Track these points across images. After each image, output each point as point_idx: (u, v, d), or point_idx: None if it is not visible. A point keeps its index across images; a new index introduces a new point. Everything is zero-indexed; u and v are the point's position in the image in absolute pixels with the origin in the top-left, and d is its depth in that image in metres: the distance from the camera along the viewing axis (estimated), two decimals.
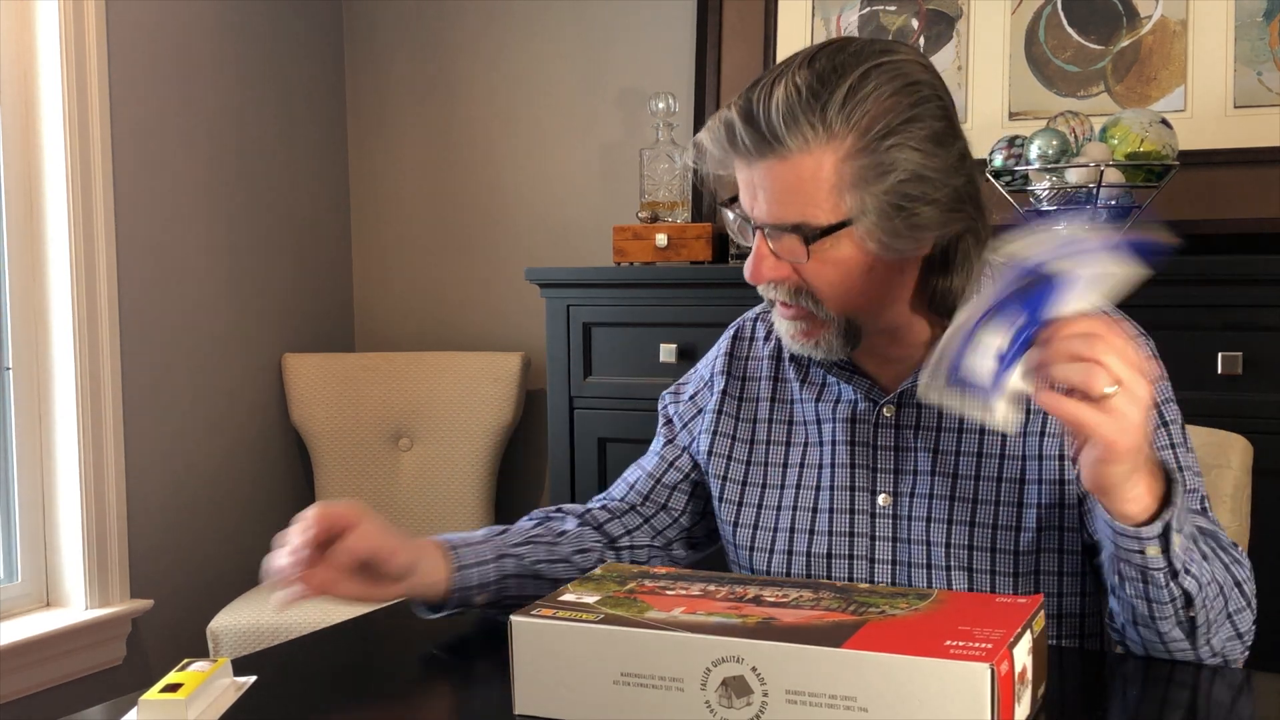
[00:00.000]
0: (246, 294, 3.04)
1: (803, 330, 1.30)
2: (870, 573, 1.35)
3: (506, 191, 3.18)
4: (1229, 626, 1.21)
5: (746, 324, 1.52)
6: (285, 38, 3.13)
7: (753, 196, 1.26)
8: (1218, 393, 2.08)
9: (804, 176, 1.23)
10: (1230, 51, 2.40)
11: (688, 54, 2.90)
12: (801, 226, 1.23)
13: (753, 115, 1.24)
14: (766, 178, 1.24)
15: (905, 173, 1.23)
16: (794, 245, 1.24)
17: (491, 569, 1.36)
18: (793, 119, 1.22)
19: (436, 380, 3.03)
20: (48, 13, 2.56)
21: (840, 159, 1.23)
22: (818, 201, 1.23)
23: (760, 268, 1.27)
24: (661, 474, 1.50)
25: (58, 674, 2.58)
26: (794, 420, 1.43)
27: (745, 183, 1.27)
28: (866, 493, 1.36)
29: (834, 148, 1.22)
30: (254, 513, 3.07)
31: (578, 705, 1.04)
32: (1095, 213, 2.23)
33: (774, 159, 1.23)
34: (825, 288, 1.26)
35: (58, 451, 2.62)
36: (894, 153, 1.23)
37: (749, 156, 1.25)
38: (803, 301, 1.28)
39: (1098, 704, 1.17)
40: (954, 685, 0.94)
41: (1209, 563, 1.18)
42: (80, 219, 2.59)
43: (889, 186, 1.23)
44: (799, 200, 1.23)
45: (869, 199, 1.23)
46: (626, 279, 2.58)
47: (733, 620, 1.03)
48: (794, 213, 1.24)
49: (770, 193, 1.24)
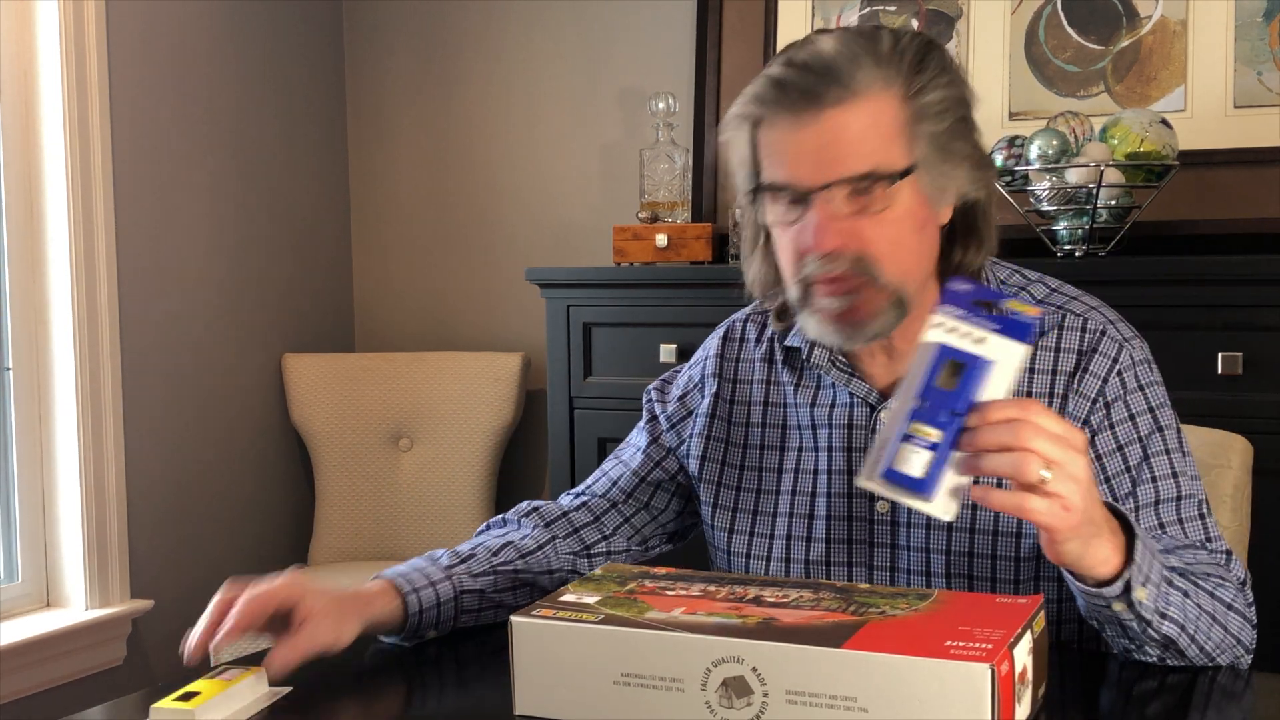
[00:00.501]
0: (246, 294, 3.04)
1: (854, 306, 1.24)
2: (869, 580, 1.34)
3: (506, 192, 3.18)
4: (1236, 647, 1.21)
5: (736, 325, 1.49)
6: (285, 38, 3.13)
7: (812, 157, 1.21)
8: (1218, 393, 2.08)
9: (873, 119, 1.21)
10: (1230, 51, 2.40)
11: (688, 54, 2.90)
12: (874, 173, 1.20)
13: (809, 65, 1.20)
14: (833, 127, 1.20)
15: (951, 113, 1.23)
16: (861, 200, 1.21)
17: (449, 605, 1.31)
18: (853, 59, 1.20)
19: (436, 380, 3.03)
20: (48, 13, 2.56)
21: (900, 98, 1.22)
22: (887, 145, 1.21)
23: (826, 234, 1.21)
24: (647, 473, 1.47)
25: (58, 674, 2.58)
26: (788, 424, 1.40)
27: (797, 147, 1.22)
28: (864, 499, 1.34)
29: (894, 88, 1.21)
30: (254, 513, 3.07)
31: (578, 705, 1.04)
32: (1095, 212, 2.23)
33: (838, 106, 1.20)
34: (888, 248, 1.22)
35: (58, 451, 2.62)
36: (940, 91, 1.23)
37: (809, 109, 1.20)
38: (863, 270, 1.23)
39: (1098, 704, 1.17)
40: (954, 685, 0.93)
41: (1190, 598, 1.17)
42: (80, 219, 2.59)
43: (941, 128, 1.22)
44: (868, 146, 1.20)
45: (924, 141, 1.22)
46: (626, 279, 2.58)
47: (733, 620, 1.03)
48: (865, 160, 1.20)
49: (839, 144, 1.20)
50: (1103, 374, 1.29)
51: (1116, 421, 1.29)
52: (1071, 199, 2.24)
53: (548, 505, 1.47)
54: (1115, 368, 1.30)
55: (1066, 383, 1.30)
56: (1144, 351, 1.33)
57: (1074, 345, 1.31)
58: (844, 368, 1.36)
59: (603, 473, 1.50)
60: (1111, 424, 1.29)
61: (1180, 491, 1.28)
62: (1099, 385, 1.29)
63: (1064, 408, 1.29)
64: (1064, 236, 2.29)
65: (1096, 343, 1.30)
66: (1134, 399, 1.30)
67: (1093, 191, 2.20)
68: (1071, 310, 1.33)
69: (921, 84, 1.22)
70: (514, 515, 1.46)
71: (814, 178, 1.21)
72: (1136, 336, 1.34)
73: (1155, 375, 1.33)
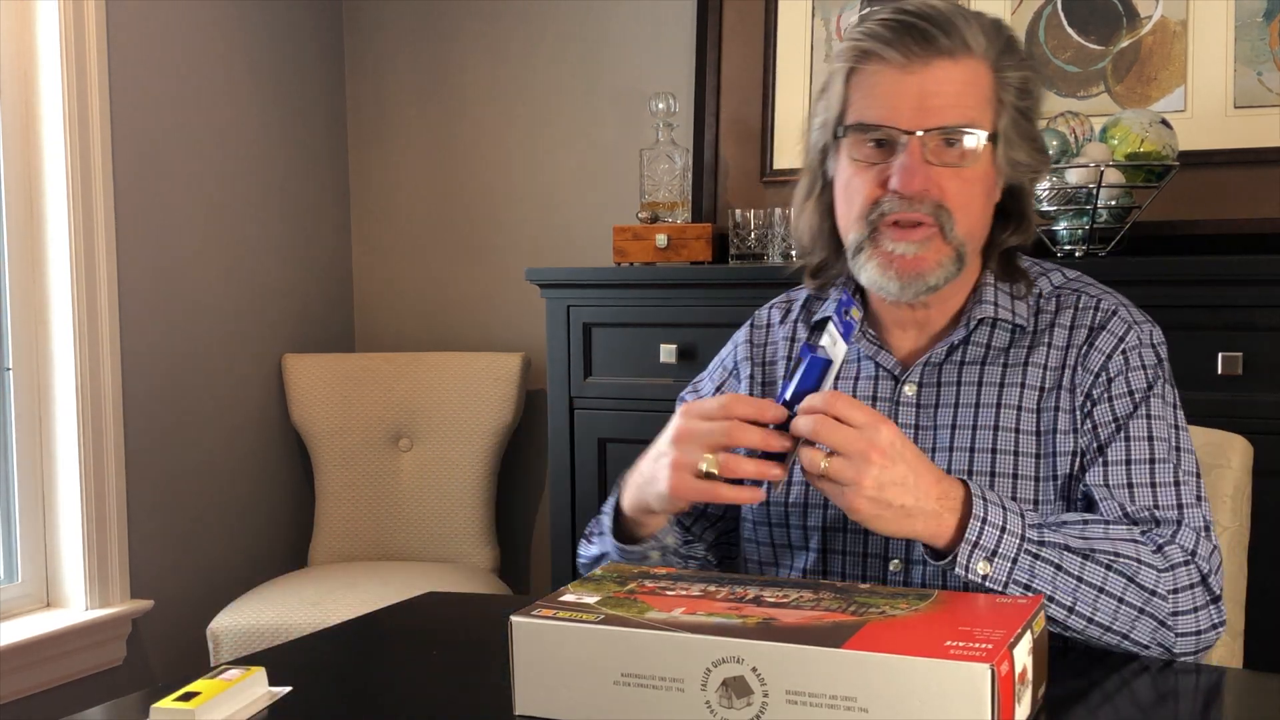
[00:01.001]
0: (246, 294, 3.04)
1: (921, 256, 1.30)
2: (884, 548, 1.36)
3: (506, 192, 3.18)
4: (1146, 619, 1.21)
5: (762, 313, 1.53)
6: (285, 38, 3.14)
7: (914, 102, 1.28)
8: (1218, 393, 2.08)
9: (973, 79, 1.29)
10: (1230, 52, 2.40)
11: (688, 54, 2.90)
12: (970, 127, 1.28)
13: (925, 14, 1.28)
14: (942, 78, 1.28)
15: (1028, 96, 1.33)
16: (955, 152, 1.28)
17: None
18: (965, 20, 1.29)
19: (437, 380, 3.03)
20: (48, 13, 2.56)
21: (990, 67, 1.30)
22: (981, 107, 1.30)
23: (914, 176, 1.28)
24: None
25: (58, 674, 2.58)
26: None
27: (900, 90, 1.28)
28: None
29: (987, 57, 1.30)
30: (254, 513, 3.07)
31: (578, 705, 1.04)
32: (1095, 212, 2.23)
33: (948, 59, 1.28)
34: (964, 203, 1.30)
35: (58, 451, 2.62)
36: (1024, 72, 1.32)
37: (920, 55, 1.27)
38: (939, 219, 1.29)
39: (1098, 704, 1.17)
40: (954, 685, 0.94)
41: (1067, 571, 1.20)
42: (80, 219, 2.59)
43: (1021, 106, 1.32)
44: (967, 101, 1.28)
45: (1007, 113, 1.31)
46: (626, 279, 2.58)
47: (733, 621, 1.03)
48: (963, 114, 1.28)
49: (942, 94, 1.28)
50: (1108, 350, 1.34)
51: (1115, 396, 1.32)
52: (1071, 199, 2.24)
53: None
54: (1120, 346, 1.34)
55: (1076, 356, 1.34)
56: (1152, 336, 1.37)
57: (1086, 322, 1.36)
58: (872, 339, 1.40)
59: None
60: (1110, 398, 1.32)
61: (1155, 455, 1.30)
62: (1102, 360, 1.33)
63: (1072, 379, 1.34)
64: (1064, 237, 2.29)
65: (1106, 321, 1.35)
66: (1135, 376, 1.33)
67: (1093, 192, 2.20)
68: (1086, 293, 1.39)
69: (1010, 60, 1.31)
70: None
71: (914, 122, 1.28)
72: (1148, 322, 1.38)
73: (1161, 358, 1.36)
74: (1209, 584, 1.24)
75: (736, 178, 2.82)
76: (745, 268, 2.53)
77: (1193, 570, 1.24)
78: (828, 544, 1.38)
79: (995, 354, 1.37)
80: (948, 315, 1.38)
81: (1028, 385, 1.34)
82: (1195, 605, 1.23)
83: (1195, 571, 1.24)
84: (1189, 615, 1.23)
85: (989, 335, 1.37)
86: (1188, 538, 1.26)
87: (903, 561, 1.35)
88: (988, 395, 1.35)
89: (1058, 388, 1.34)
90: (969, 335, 1.37)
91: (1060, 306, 1.37)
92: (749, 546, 1.47)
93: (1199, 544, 1.26)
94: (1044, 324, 1.37)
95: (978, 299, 1.37)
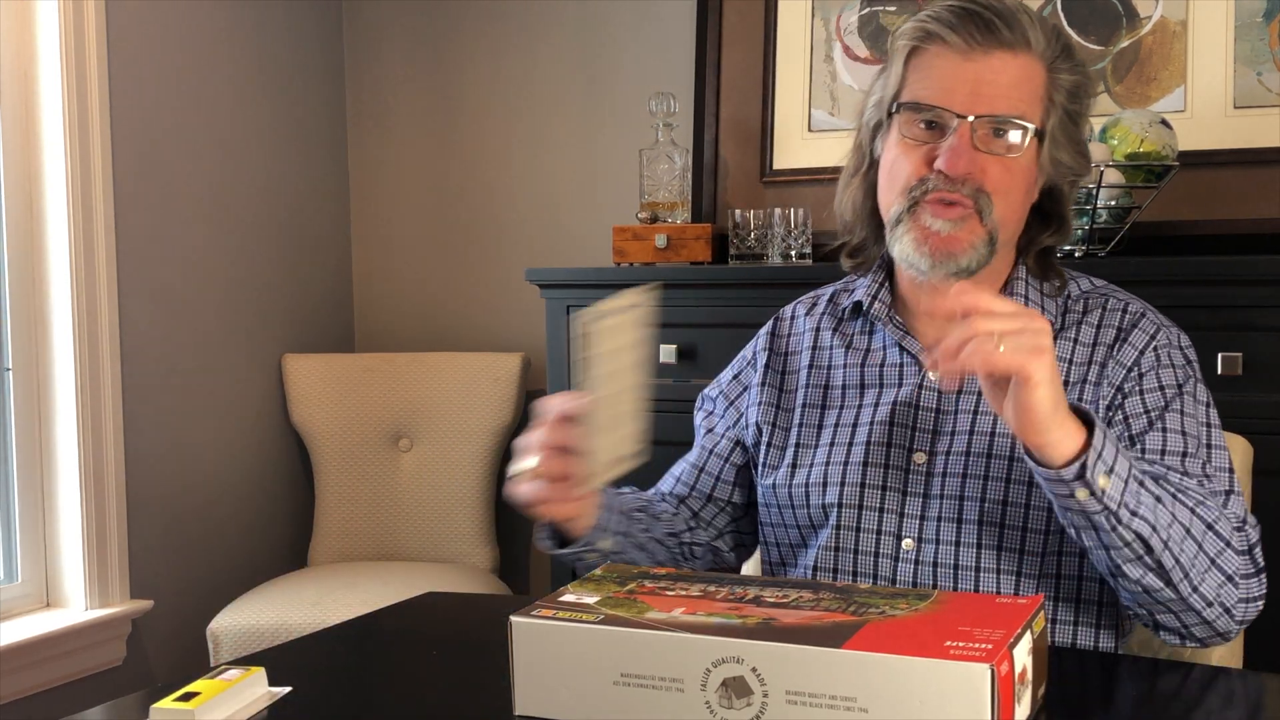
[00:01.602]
0: (246, 294, 3.04)
1: (956, 235, 1.32)
2: (899, 527, 1.36)
3: (506, 192, 3.18)
4: (1216, 572, 1.22)
5: (787, 308, 1.56)
6: (285, 38, 3.13)
7: (970, 87, 1.31)
8: (1218, 393, 2.05)
9: (1028, 74, 1.32)
10: (1230, 52, 2.40)
11: (688, 54, 2.90)
12: (1020, 119, 1.31)
13: (991, 6, 1.31)
14: (999, 69, 1.31)
15: (1078, 100, 1.36)
16: (1001, 143, 1.31)
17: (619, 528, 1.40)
18: (1028, 18, 1.32)
19: (436, 381, 3.03)
20: (48, 13, 2.56)
21: (1046, 67, 1.34)
22: (1032, 102, 1.33)
23: (961, 157, 1.30)
24: (704, 463, 1.53)
25: (58, 674, 2.57)
26: (831, 385, 1.46)
27: (959, 73, 1.31)
28: (903, 449, 1.38)
29: (1045, 57, 1.34)
30: (254, 513, 3.07)
31: (578, 706, 1.04)
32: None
33: (1007, 52, 1.31)
34: (1005, 190, 1.32)
35: (58, 452, 2.62)
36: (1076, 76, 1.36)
37: (981, 44, 1.31)
38: (978, 202, 1.31)
39: (1098, 704, 1.17)
40: (954, 686, 0.94)
41: (1164, 505, 1.20)
42: (80, 219, 2.59)
43: (1071, 109, 1.35)
44: (1020, 94, 1.31)
45: (1056, 113, 1.34)
46: (626, 279, 2.58)
47: (733, 621, 1.03)
48: (1015, 105, 1.31)
49: (998, 84, 1.31)
50: (1140, 345, 1.36)
51: (1147, 389, 1.34)
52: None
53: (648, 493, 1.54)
54: (1152, 343, 1.37)
55: (1106, 352, 1.37)
56: (1180, 340, 1.40)
57: (1115, 323, 1.38)
58: (899, 324, 1.42)
59: (671, 473, 1.57)
60: (1142, 390, 1.34)
61: (1187, 449, 1.31)
62: (1135, 355, 1.36)
63: (1101, 374, 1.36)
64: None
65: (1137, 321, 1.38)
66: (1165, 373, 1.35)
67: (1092, 192, 2.20)
68: (1115, 296, 1.42)
69: (1064, 63, 1.34)
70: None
71: (968, 106, 1.31)
72: (1175, 327, 1.40)
73: (1190, 360, 1.39)
74: (1254, 555, 1.27)
75: (736, 178, 2.81)
76: (745, 268, 2.53)
77: (1245, 536, 1.27)
78: (843, 520, 1.38)
79: None
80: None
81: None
82: (1251, 570, 1.25)
83: (1246, 539, 1.26)
84: (1248, 580, 1.25)
85: None
86: (1238, 506, 1.29)
87: (915, 541, 1.36)
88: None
89: (1082, 382, 1.36)
90: None
91: (1089, 308, 1.40)
92: (766, 530, 1.49)
93: (1247, 516, 1.29)
94: (1071, 322, 1.39)
95: (1009, 291, 1.40)
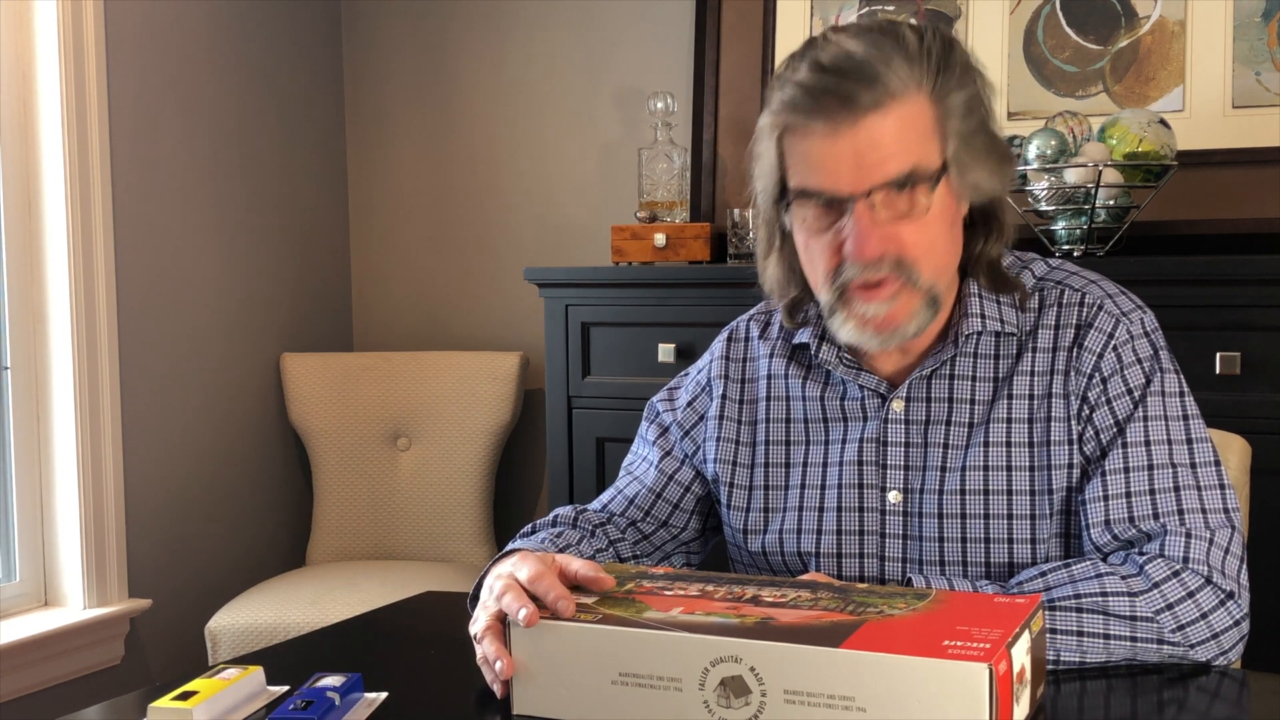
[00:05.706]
0: (246, 294, 3.04)
1: (894, 312, 1.26)
2: (881, 570, 1.33)
3: (505, 192, 3.18)
4: (1145, 644, 1.20)
5: (740, 325, 1.48)
6: (284, 38, 3.13)
7: (851, 163, 1.21)
8: (1217, 393, 2.08)
9: (909, 120, 1.22)
10: (1229, 52, 2.40)
11: (687, 54, 2.90)
12: (914, 175, 1.21)
13: (841, 68, 1.20)
14: (874, 133, 1.20)
15: (976, 111, 1.25)
16: (904, 200, 1.22)
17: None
18: (885, 60, 1.20)
19: (435, 380, 3.03)
20: (47, 13, 2.56)
21: (930, 98, 1.23)
22: (923, 145, 1.22)
23: (870, 240, 1.22)
24: (662, 489, 1.45)
25: (56, 674, 2.58)
26: (793, 419, 1.40)
27: (835, 154, 1.21)
28: (876, 490, 1.33)
29: (925, 86, 1.22)
30: (253, 513, 3.07)
31: (576, 705, 1.04)
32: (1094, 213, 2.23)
33: (876, 113, 1.20)
34: (926, 247, 1.24)
35: (56, 451, 2.62)
36: (966, 89, 1.25)
37: (846, 115, 1.20)
38: (902, 273, 1.24)
39: (1096, 704, 1.17)
40: (952, 685, 0.93)
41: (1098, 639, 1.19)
42: (79, 219, 2.59)
43: (969, 126, 1.25)
44: (907, 146, 1.21)
45: (954, 139, 1.24)
46: (625, 279, 2.58)
47: (731, 620, 1.02)
48: (904, 162, 1.21)
49: (878, 148, 1.20)
50: (1098, 349, 1.30)
51: (1114, 397, 1.29)
52: (1070, 199, 2.24)
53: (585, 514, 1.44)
54: (1110, 343, 1.30)
55: (1066, 358, 1.31)
56: (1143, 324, 1.32)
57: (1072, 320, 1.32)
58: (850, 364, 1.35)
59: (619, 491, 1.47)
60: (1109, 399, 1.29)
61: (1153, 460, 1.26)
62: (1094, 360, 1.30)
63: (1064, 385, 1.30)
64: (1062, 236, 2.29)
65: (1093, 317, 1.31)
66: (1130, 373, 1.29)
67: (1091, 191, 2.20)
68: (1070, 285, 1.34)
69: (948, 82, 1.24)
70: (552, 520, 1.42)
71: (854, 184, 1.22)
72: (1138, 309, 1.33)
73: (1157, 346, 1.32)
74: (1215, 584, 1.21)
75: (735, 177, 2.81)
76: (743, 267, 2.52)
77: (1187, 579, 1.21)
78: (822, 569, 1.34)
79: (985, 364, 1.33)
80: (932, 335, 1.34)
81: (1019, 395, 1.31)
82: (1203, 611, 1.20)
83: (1193, 578, 1.21)
84: (1197, 624, 1.20)
85: (976, 344, 1.34)
86: (1175, 547, 1.22)
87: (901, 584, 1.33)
88: (979, 413, 1.32)
89: (1049, 396, 1.30)
90: (958, 351, 1.33)
91: (1044, 304, 1.33)
92: (737, 566, 1.44)
93: (1190, 548, 1.22)
94: (1029, 325, 1.33)
95: (964, 312, 1.33)
